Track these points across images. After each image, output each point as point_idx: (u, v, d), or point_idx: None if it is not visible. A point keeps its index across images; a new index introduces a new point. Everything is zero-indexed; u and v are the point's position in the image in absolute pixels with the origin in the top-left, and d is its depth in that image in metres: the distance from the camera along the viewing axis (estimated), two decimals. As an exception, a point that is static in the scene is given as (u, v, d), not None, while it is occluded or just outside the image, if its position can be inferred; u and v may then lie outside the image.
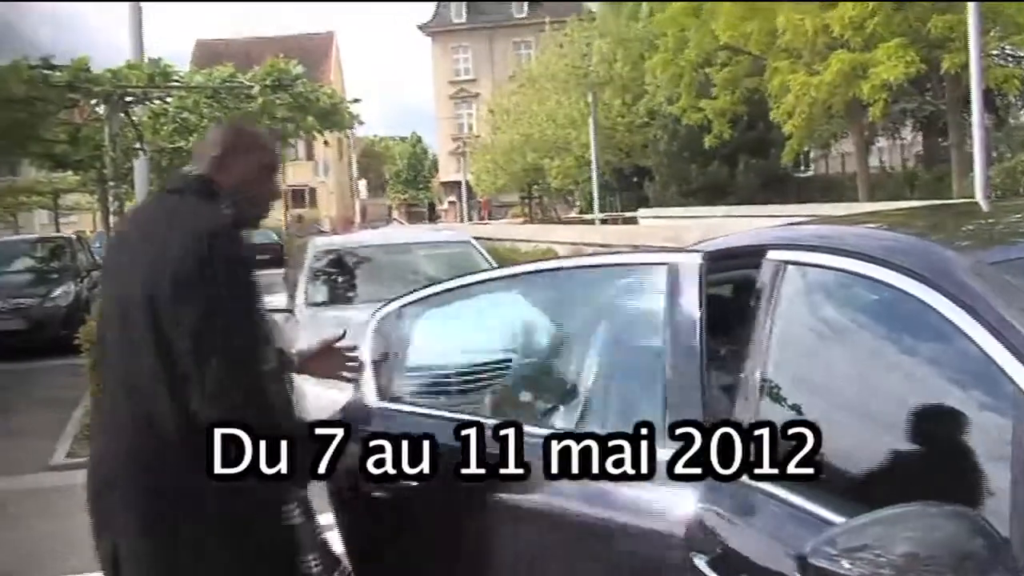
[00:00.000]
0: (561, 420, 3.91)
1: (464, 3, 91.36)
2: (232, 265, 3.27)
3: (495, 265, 10.93)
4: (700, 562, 2.76)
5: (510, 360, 4.86)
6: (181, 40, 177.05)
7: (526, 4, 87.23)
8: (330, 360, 4.26)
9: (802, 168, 52.24)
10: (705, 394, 3.08)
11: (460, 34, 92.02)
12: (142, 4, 20.43)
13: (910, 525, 2.13)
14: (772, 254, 3.07)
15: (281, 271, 15.98)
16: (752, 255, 3.21)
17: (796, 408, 2.90)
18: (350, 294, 12.10)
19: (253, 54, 35.07)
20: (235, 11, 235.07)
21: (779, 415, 2.85)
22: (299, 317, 10.91)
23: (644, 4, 49.20)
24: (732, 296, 3.71)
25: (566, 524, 3.31)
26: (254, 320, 3.32)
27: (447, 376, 4.63)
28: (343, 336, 4.34)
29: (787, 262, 3.01)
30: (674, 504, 2.94)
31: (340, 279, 12.50)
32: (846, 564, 2.11)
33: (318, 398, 4.28)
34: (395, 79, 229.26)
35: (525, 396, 4.46)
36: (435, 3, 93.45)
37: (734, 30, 36.31)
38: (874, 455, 2.67)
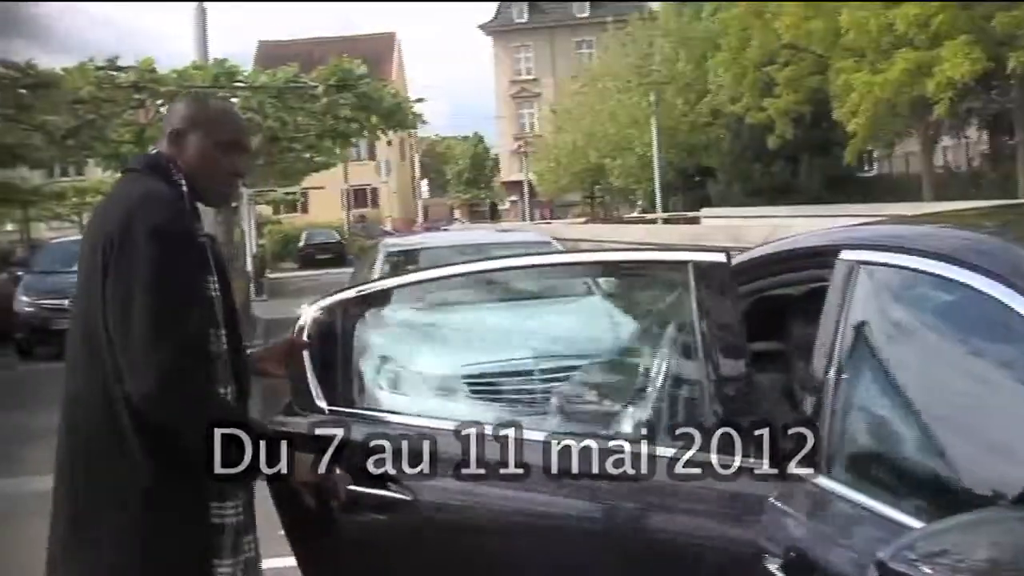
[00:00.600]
0: (575, 423, 3.87)
1: (526, 3, 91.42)
2: (160, 238, 3.12)
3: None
4: (772, 566, 2.73)
5: (513, 361, 4.74)
6: (244, 41, 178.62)
7: (588, 3, 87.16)
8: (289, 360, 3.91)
9: (866, 168, 51.95)
10: (739, 394, 3.09)
11: (522, 33, 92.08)
12: (206, 5, 20.64)
13: (991, 530, 2.10)
14: (845, 254, 3.03)
15: (343, 270, 15.81)
16: (824, 255, 3.17)
17: (871, 410, 2.86)
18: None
19: (316, 55, 35.26)
20: (296, 12, 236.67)
21: (856, 417, 2.82)
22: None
23: (707, 3, 49.16)
24: (802, 297, 3.68)
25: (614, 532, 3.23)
26: (185, 294, 3.17)
27: (421, 379, 4.19)
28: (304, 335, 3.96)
29: (860, 262, 2.97)
30: (746, 507, 2.92)
31: None
32: (926, 569, 2.06)
33: None
34: (457, 79, 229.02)
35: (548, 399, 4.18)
36: (497, 3, 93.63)
37: (797, 29, 36.18)
38: (952, 458, 2.63)
